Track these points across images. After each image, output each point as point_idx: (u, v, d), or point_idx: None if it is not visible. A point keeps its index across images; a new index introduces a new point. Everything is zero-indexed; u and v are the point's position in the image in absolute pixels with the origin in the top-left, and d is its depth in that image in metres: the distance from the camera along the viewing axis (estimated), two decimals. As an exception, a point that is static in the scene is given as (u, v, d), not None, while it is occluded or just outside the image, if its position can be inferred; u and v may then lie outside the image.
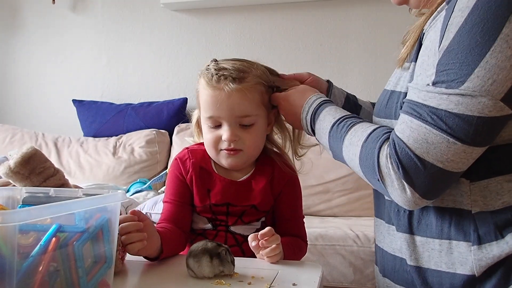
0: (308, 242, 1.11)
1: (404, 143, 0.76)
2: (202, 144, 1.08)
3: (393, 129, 0.81)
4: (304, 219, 1.12)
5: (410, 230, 0.86)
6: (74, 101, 2.77)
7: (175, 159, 1.08)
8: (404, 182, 0.76)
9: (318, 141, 0.96)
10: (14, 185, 0.95)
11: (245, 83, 0.99)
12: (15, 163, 0.91)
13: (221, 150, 1.02)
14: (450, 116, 0.72)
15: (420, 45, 0.82)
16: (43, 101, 2.97)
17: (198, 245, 0.86)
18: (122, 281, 0.84)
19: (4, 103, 3.04)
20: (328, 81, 1.14)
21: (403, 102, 0.81)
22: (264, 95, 1.04)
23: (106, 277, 0.74)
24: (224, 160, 1.03)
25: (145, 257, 0.93)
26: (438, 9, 0.80)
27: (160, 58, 2.78)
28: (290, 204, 1.09)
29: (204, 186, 1.05)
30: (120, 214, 0.80)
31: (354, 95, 1.18)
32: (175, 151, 2.47)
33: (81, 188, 0.88)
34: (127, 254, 0.89)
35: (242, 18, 2.64)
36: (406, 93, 0.83)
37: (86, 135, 2.71)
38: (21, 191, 0.85)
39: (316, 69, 2.71)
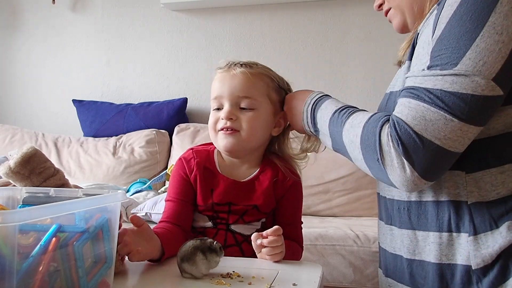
0: (308, 242, 1.12)
1: (403, 121, 0.78)
2: (206, 145, 1.11)
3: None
4: (302, 225, 1.12)
5: (411, 226, 0.88)
6: (74, 101, 2.77)
7: (180, 159, 1.09)
8: (404, 160, 0.77)
9: (319, 131, 0.97)
10: (14, 185, 0.95)
11: (251, 69, 1.05)
12: (15, 163, 0.91)
13: (219, 131, 1.04)
14: (446, 95, 0.76)
15: (414, 45, 0.87)
16: (43, 101, 2.97)
17: (185, 248, 0.85)
18: (122, 281, 0.84)
19: (4, 103, 3.04)
20: None
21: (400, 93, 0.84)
22: (270, 89, 1.07)
23: (106, 277, 0.74)
24: (220, 141, 1.05)
25: (148, 260, 0.93)
26: (430, 11, 0.86)
27: (160, 58, 2.78)
28: (291, 208, 1.09)
29: (208, 185, 1.05)
30: (120, 214, 0.80)
31: None
32: (175, 151, 2.47)
33: (81, 188, 0.88)
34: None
35: (242, 18, 2.64)
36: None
37: (86, 135, 2.71)
38: (21, 191, 0.85)
39: (316, 69, 2.71)
